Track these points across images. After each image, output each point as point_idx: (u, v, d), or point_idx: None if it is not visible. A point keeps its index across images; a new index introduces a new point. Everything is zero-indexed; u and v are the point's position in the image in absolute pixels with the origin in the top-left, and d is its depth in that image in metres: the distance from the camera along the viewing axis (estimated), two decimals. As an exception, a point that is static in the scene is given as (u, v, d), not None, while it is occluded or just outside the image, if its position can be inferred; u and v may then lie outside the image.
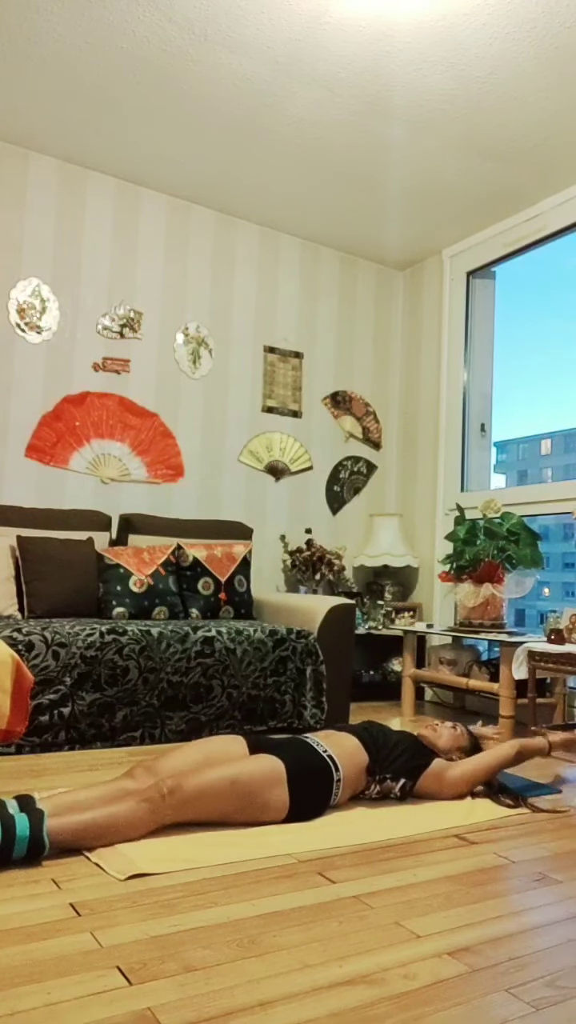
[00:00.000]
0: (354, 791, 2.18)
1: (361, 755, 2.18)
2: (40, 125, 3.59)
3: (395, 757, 2.23)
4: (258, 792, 1.95)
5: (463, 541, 3.69)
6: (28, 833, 1.65)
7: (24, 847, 1.64)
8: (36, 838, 1.65)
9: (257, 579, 4.32)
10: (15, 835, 1.63)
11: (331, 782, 2.08)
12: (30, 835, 1.65)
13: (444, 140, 3.55)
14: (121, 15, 2.87)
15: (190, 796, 1.86)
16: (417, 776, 2.25)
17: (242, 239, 4.43)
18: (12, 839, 1.63)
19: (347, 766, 2.13)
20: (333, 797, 2.10)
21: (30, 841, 1.65)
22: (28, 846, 1.64)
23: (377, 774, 2.20)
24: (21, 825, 1.65)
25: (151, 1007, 1.14)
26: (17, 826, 1.64)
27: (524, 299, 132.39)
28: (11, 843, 1.63)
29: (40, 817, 1.68)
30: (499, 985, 1.25)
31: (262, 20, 2.86)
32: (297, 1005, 1.16)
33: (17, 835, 1.64)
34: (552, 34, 2.85)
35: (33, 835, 1.65)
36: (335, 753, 2.12)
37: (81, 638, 2.83)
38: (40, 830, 1.66)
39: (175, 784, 1.85)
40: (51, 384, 3.84)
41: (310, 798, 2.04)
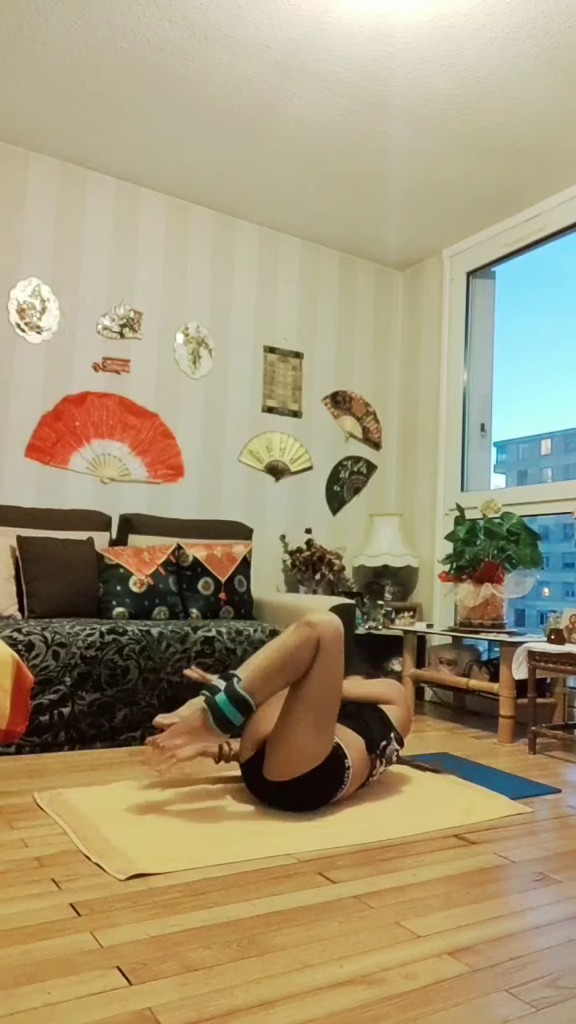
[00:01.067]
0: (361, 779, 2.20)
1: (358, 741, 2.21)
2: (40, 125, 3.59)
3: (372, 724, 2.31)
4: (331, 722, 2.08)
5: (463, 541, 3.69)
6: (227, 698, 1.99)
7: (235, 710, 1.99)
8: (235, 696, 1.99)
9: (257, 579, 4.32)
10: (218, 705, 1.99)
11: (343, 770, 2.11)
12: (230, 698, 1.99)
13: (444, 140, 3.55)
14: (121, 15, 2.87)
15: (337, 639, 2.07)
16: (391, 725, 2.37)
17: (242, 239, 4.43)
18: (225, 716, 1.99)
19: (353, 754, 2.16)
20: (341, 787, 2.11)
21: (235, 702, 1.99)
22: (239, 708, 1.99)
23: (376, 747, 2.24)
24: (222, 700, 2.00)
25: (151, 1007, 1.14)
26: (217, 698, 2.00)
27: (524, 299, 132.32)
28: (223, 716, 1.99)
29: (232, 682, 2.02)
30: (499, 985, 1.25)
31: (262, 20, 2.86)
32: (297, 1005, 1.16)
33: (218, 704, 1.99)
34: (552, 34, 2.85)
35: (232, 697, 1.99)
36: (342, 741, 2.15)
37: (81, 638, 2.83)
38: (235, 693, 1.99)
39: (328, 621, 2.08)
40: (51, 384, 3.84)
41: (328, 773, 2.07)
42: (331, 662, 2.05)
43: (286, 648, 2.03)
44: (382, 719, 2.37)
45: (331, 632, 2.06)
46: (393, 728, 2.37)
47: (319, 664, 2.04)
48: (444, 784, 2.45)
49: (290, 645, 2.03)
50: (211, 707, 2.00)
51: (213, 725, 2.00)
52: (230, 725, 2.00)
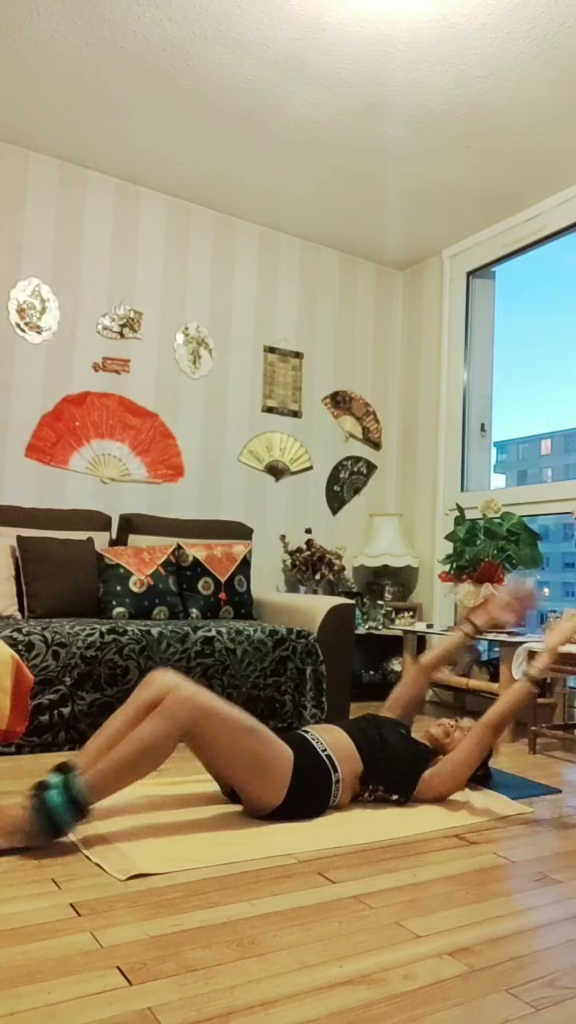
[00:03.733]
0: (353, 793, 2.17)
1: (356, 761, 2.14)
2: (40, 125, 3.59)
3: (390, 768, 2.16)
4: (268, 753, 1.95)
5: (463, 541, 3.68)
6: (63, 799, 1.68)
7: (67, 814, 1.69)
8: (73, 797, 1.69)
9: (257, 579, 4.32)
10: (51, 809, 1.67)
11: (330, 783, 2.07)
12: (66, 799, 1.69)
13: (444, 140, 3.55)
14: (121, 15, 2.87)
15: (204, 711, 1.86)
16: (412, 790, 2.19)
17: (242, 239, 4.43)
18: (53, 817, 1.68)
19: (345, 768, 2.11)
20: (332, 798, 2.09)
21: (69, 805, 1.69)
22: (71, 811, 1.69)
23: (371, 783, 2.16)
24: (51, 798, 1.68)
25: (151, 1007, 1.14)
26: (49, 801, 1.68)
27: (524, 299, 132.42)
28: (52, 818, 1.68)
29: (71, 777, 1.72)
30: (499, 985, 1.25)
31: (262, 20, 2.86)
32: (297, 1005, 1.16)
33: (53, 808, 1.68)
34: (552, 34, 2.85)
35: (69, 797, 1.69)
36: (333, 752, 2.11)
37: (81, 638, 2.83)
38: (73, 790, 1.70)
39: (193, 693, 1.88)
40: (51, 384, 3.84)
41: (307, 793, 2.03)
42: (218, 726, 1.88)
43: (140, 740, 1.80)
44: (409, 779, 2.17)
45: (193, 711, 1.85)
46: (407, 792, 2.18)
47: (207, 739, 1.88)
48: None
49: (144, 738, 1.81)
50: (41, 809, 1.67)
51: (39, 834, 1.68)
52: (59, 832, 1.70)
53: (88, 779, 1.75)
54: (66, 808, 1.69)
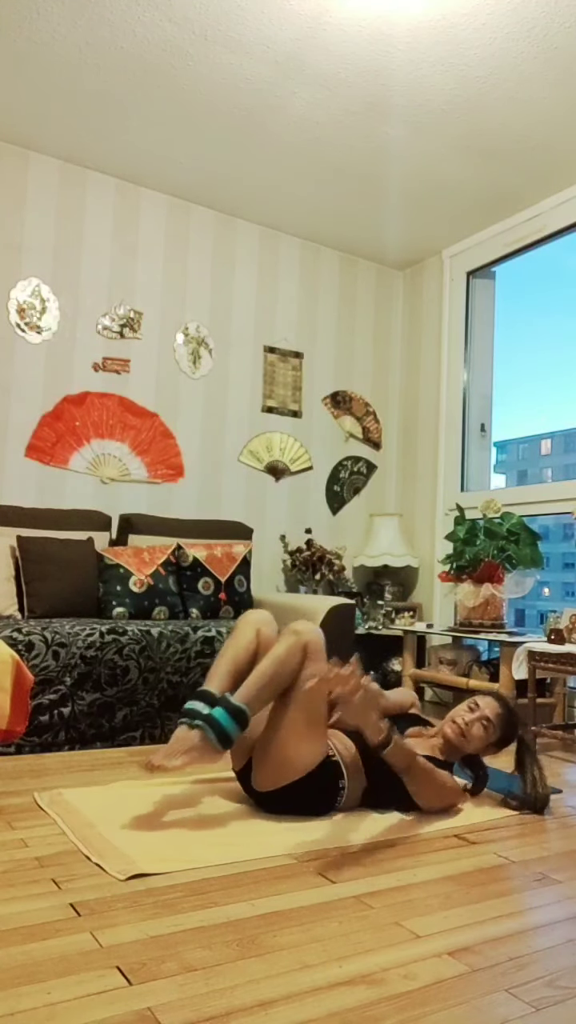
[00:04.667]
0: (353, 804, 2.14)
1: (362, 777, 2.12)
2: (40, 125, 3.59)
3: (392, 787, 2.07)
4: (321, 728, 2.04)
5: (463, 541, 3.68)
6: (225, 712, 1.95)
7: (233, 725, 1.94)
8: (234, 709, 1.95)
9: (257, 579, 4.32)
10: (224, 728, 1.94)
11: (336, 788, 2.06)
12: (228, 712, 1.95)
13: (444, 140, 3.55)
14: (121, 15, 2.87)
15: (319, 641, 2.08)
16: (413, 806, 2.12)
17: (242, 239, 4.43)
18: (224, 731, 1.94)
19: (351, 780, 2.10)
20: (337, 802, 2.08)
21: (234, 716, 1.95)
22: (236, 723, 1.95)
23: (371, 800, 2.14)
24: (221, 716, 1.94)
25: (151, 1007, 1.14)
26: (221, 722, 1.94)
27: (524, 299, 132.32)
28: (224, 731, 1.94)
29: (222, 697, 1.99)
30: (499, 985, 1.24)
31: (262, 20, 2.86)
32: (297, 1005, 1.16)
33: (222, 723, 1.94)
34: (552, 34, 2.85)
35: (230, 709, 1.95)
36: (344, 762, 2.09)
37: (81, 638, 2.83)
38: (233, 706, 1.96)
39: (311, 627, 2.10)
40: (51, 384, 3.84)
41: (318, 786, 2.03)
42: (318, 659, 2.06)
43: (276, 657, 2.03)
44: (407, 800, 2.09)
45: (316, 639, 2.09)
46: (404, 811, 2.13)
47: (310, 663, 2.04)
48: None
49: (280, 654, 2.03)
50: (211, 724, 1.95)
51: (215, 742, 1.94)
52: (230, 741, 1.97)
53: (239, 696, 1.98)
54: (231, 721, 1.95)
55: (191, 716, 1.99)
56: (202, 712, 1.98)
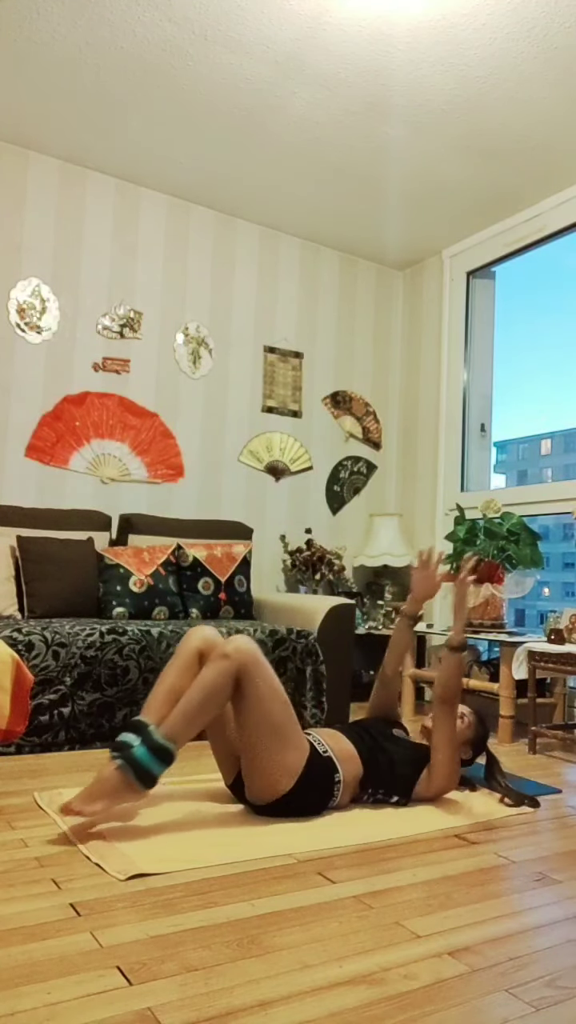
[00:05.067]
0: (352, 796, 2.17)
1: (356, 762, 2.15)
2: (40, 125, 3.59)
3: (388, 771, 2.17)
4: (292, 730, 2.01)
5: (463, 541, 3.69)
6: (146, 749, 1.85)
7: (155, 764, 1.84)
8: (156, 747, 1.85)
9: (257, 579, 4.32)
10: (142, 764, 1.84)
11: (331, 783, 2.08)
12: (149, 748, 1.85)
13: (444, 140, 3.55)
14: (121, 15, 2.87)
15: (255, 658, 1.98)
16: (410, 791, 2.20)
17: (242, 239, 4.43)
18: (143, 767, 1.83)
19: (346, 770, 2.12)
20: (333, 798, 2.10)
21: (156, 755, 1.85)
22: (158, 760, 1.85)
23: (370, 787, 2.17)
24: (140, 752, 1.84)
25: (151, 1007, 1.14)
26: (136, 754, 1.84)
27: (524, 299, 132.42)
28: (143, 769, 1.83)
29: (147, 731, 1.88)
30: (499, 985, 1.24)
31: (262, 20, 2.86)
32: (297, 1005, 1.16)
33: (142, 762, 1.84)
34: (552, 34, 2.85)
35: (151, 747, 1.85)
36: (334, 754, 2.12)
37: (81, 638, 2.83)
38: (155, 743, 1.86)
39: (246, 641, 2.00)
40: (51, 384, 3.84)
41: (311, 788, 2.04)
42: (262, 681, 1.98)
43: (203, 685, 1.93)
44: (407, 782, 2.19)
45: (248, 656, 1.97)
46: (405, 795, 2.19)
47: (249, 690, 1.96)
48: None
49: (207, 681, 1.94)
50: (132, 764, 1.84)
51: (137, 783, 1.84)
52: (153, 780, 1.86)
53: (164, 729, 1.89)
54: (152, 758, 1.85)
55: (119, 749, 1.88)
56: (132, 745, 1.87)
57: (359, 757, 2.15)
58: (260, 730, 1.97)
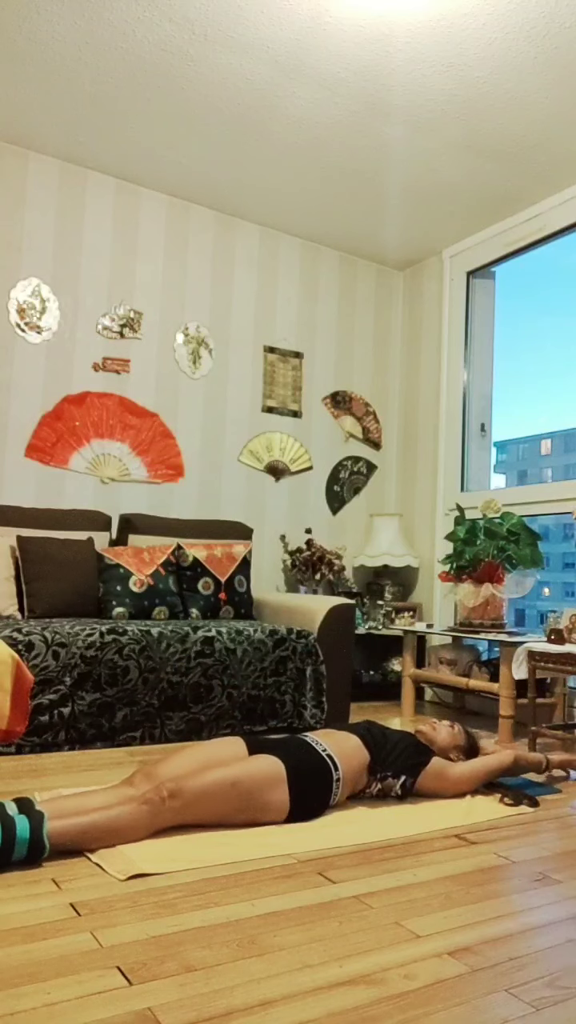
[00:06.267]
0: (353, 790, 2.18)
1: (362, 753, 2.17)
2: (40, 125, 3.59)
3: (396, 755, 2.24)
4: (258, 793, 1.95)
5: (463, 541, 3.69)
6: (28, 835, 1.64)
7: (24, 849, 1.64)
8: (36, 840, 1.65)
9: (257, 579, 4.32)
10: (15, 837, 1.63)
11: (331, 782, 2.08)
12: (30, 837, 1.64)
13: (444, 140, 3.55)
14: (121, 15, 2.87)
15: (191, 799, 1.85)
16: (417, 773, 2.25)
17: (242, 239, 4.43)
18: (12, 841, 1.63)
19: (346, 765, 2.12)
20: (333, 797, 2.10)
21: (30, 843, 1.64)
22: (28, 848, 1.64)
23: (378, 772, 2.20)
24: (21, 827, 1.64)
25: (151, 1007, 1.14)
26: (17, 828, 1.64)
27: (524, 299, 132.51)
28: (11, 845, 1.62)
29: (40, 819, 1.67)
30: (499, 985, 1.25)
31: (262, 20, 2.86)
32: (297, 1005, 1.16)
33: (17, 837, 1.63)
34: (552, 34, 2.85)
35: (33, 837, 1.64)
36: (334, 752, 2.12)
37: (81, 638, 2.83)
38: (40, 832, 1.65)
39: (176, 787, 1.84)
40: (51, 384, 3.84)
41: (310, 798, 2.04)
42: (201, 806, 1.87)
43: (116, 824, 1.76)
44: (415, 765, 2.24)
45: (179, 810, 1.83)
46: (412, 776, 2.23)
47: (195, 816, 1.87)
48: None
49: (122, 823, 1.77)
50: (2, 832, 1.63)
51: None
52: (6, 858, 1.63)
53: (56, 828, 1.68)
54: (25, 845, 1.64)
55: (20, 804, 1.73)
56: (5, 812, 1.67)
57: (363, 743, 2.19)
58: (230, 819, 1.93)
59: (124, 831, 1.77)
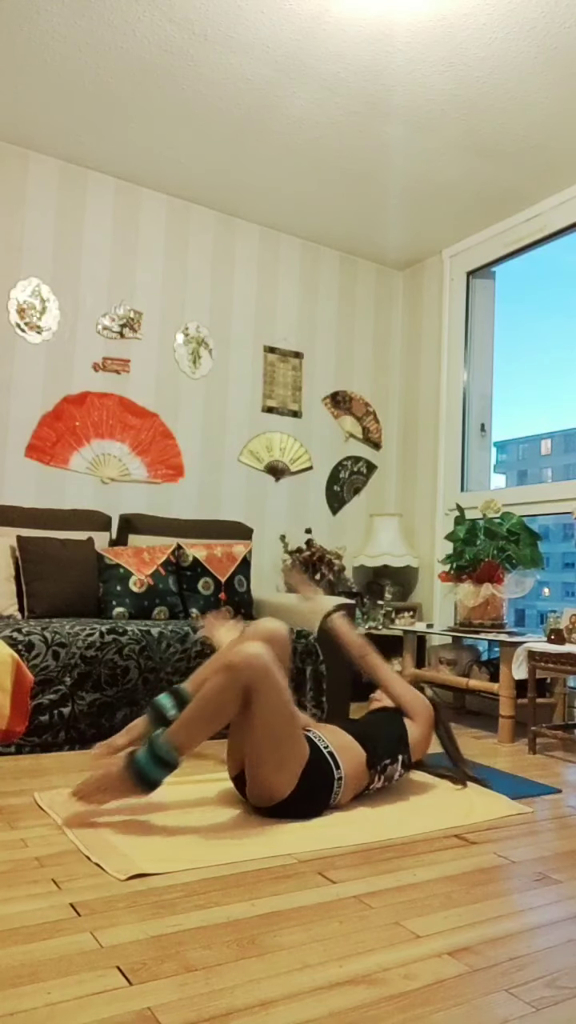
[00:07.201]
0: (356, 789, 2.17)
1: (358, 750, 2.17)
2: (40, 125, 3.59)
3: (383, 739, 2.26)
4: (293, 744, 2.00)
5: (463, 541, 3.68)
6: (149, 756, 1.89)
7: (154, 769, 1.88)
8: (158, 755, 1.88)
9: (257, 579, 4.32)
10: (139, 767, 1.88)
11: (331, 780, 2.08)
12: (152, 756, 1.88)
13: (444, 140, 3.55)
14: (121, 15, 2.87)
15: (263, 670, 1.94)
16: (407, 745, 2.30)
17: (242, 239, 4.43)
18: (141, 772, 1.88)
19: (347, 764, 2.12)
20: (334, 796, 2.10)
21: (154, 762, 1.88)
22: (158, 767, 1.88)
23: (377, 764, 2.20)
24: (142, 759, 1.89)
25: (151, 1007, 1.14)
26: (139, 757, 1.89)
27: (524, 299, 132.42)
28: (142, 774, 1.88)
29: (154, 737, 1.92)
30: (499, 985, 1.25)
31: (262, 20, 2.86)
32: (297, 1005, 1.16)
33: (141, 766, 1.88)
34: (552, 34, 2.85)
35: (154, 754, 1.88)
36: (335, 750, 2.12)
37: (81, 638, 2.83)
38: (157, 748, 1.89)
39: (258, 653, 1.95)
40: (51, 384, 3.84)
41: (311, 790, 2.04)
42: (268, 698, 1.94)
43: (207, 698, 1.92)
44: (399, 737, 2.30)
45: (256, 670, 1.93)
46: (405, 749, 2.29)
47: (256, 705, 1.94)
48: (444, 785, 2.45)
49: (211, 694, 1.92)
50: (134, 767, 1.89)
51: (137, 785, 1.90)
52: (151, 785, 1.90)
53: (168, 737, 1.91)
54: (151, 764, 1.88)
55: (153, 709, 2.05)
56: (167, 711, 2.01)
57: (356, 740, 2.20)
58: (261, 744, 1.96)
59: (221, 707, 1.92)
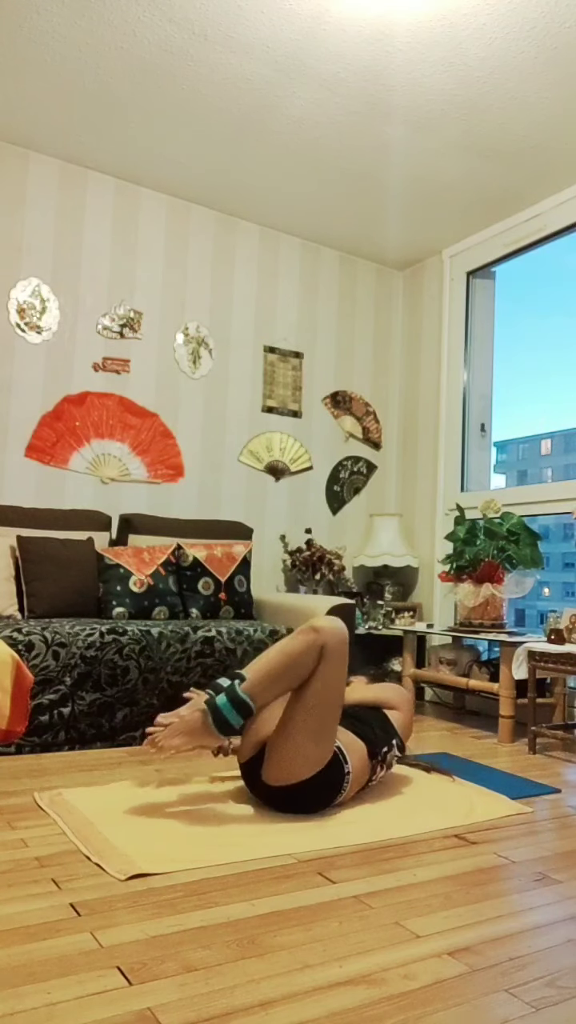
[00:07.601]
0: (360, 784, 2.19)
1: (359, 745, 2.20)
2: (40, 125, 3.59)
3: (373, 728, 2.30)
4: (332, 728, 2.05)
5: (463, 541, 3.68)
6: (228, 700, 1.98)
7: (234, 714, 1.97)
8: (237, 699, 1.98)
9: (257, 579, 4.32)
10: (220, 712, 1.98)
11: (342, 775, 2.09)
12: (231, 700, 1.98)
13: (444, 140, 3.55)
14: (121, 15, 2.87)
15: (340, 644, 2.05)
16: (394, 727, 2.37)
17: (242, 239, 4.43)
18: (221, 716, 1.97)
19: (354, 759, 2.14)
20: (341, 793, 2.10)
21: (235, 705, 1.97)
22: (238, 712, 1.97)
23: (377, 754, 2.23)
24: (222, 702, 1.99)
25: (151, 1007, 1.14)
26: (218, 700, 1.99)
27: (524, 299, 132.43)
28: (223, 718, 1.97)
29: (234, 685, 2.00)
30: (499, 985, 1.25)
31: (262, 20, 2.86)
32: (297, 1005, 1.16)
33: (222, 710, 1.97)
34: (552, 34, 2.85)
35: (233, 699, 1.98)
36: (343, 745, 2.13)
37: (81, 638, 2.83)
38: (236, 696, 1.98)
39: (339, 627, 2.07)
40: (51, 384, 3.84)
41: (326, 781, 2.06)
42: (334, 668, 2.04)
43: (289, 653, 2.01)
44: (384, 724, 2.37)
45: (336, 638, 2.04)
46: (395, 734, 2.37)
47: (322, 670, 2.02)
48: (444, 784, 2.45)
49: (294, 650, 2.02)
50: (211, 709, 1.99)
51: (212, 727, 1.99)
52: (229, 728, 1.99)
53: (246, 687, 2.00)
54: (231, 709, 1.98)
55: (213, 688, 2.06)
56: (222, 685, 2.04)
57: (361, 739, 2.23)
58: (309, 712, 2.01)
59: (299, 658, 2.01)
